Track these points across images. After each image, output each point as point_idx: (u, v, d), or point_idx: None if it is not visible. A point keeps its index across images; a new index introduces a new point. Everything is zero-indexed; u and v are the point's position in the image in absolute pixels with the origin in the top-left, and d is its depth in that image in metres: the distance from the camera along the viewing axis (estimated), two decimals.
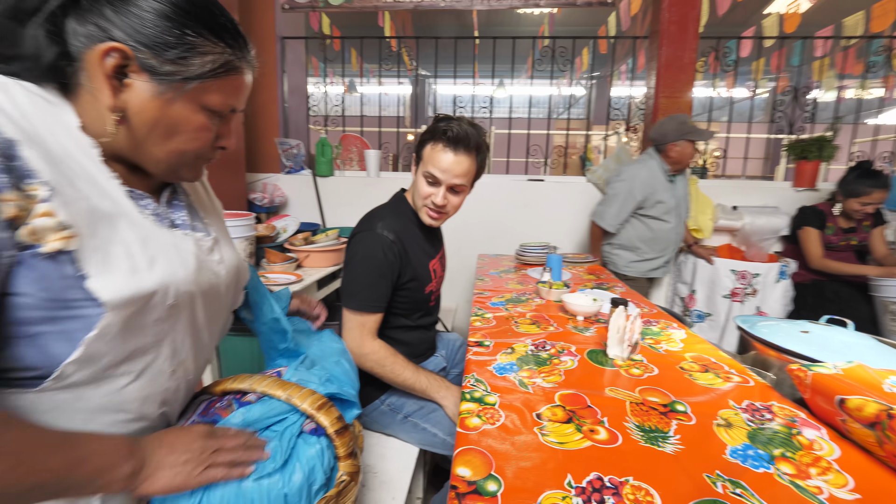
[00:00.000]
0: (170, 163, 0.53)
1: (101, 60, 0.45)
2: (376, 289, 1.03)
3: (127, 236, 0.48)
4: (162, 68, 0.47)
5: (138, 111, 0.48)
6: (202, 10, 0.49)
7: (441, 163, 1.01)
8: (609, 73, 3.29)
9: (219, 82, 0.51)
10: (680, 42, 2.36)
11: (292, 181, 2.96)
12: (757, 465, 0.58)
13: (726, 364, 0.91)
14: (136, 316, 0.48)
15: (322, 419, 0.59)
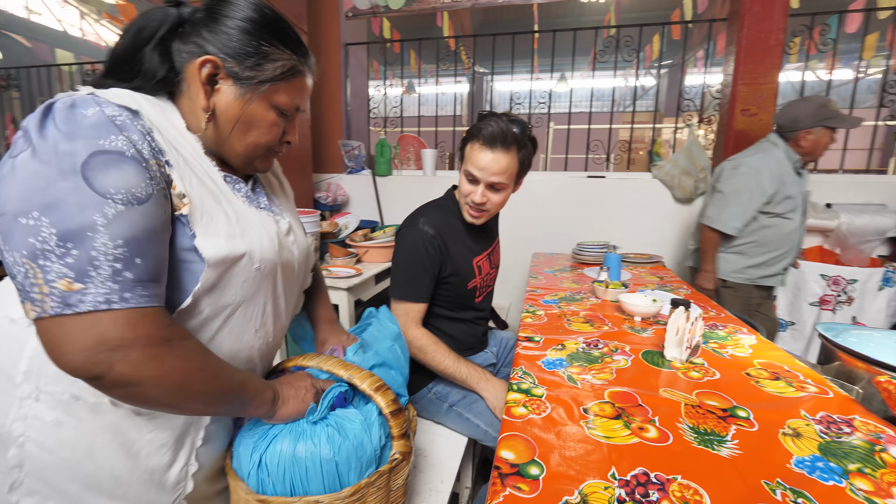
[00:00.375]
0: (247, 154, 0.62)
1: (198, 70, 0.56)
2: (417, 280, 1.09)
3: (225, 208, 0.58)
4: (243, 74, 0.57)
5: (224, 110, 0.58)
6: (273, 25, 0.58)
7: (479, 161, 1.02)
8: (684, 60, 3.08)
9: (286, 84, 0.60)
10: (765, 22, 2.15)
11: (353, 181, 3.12)
12: (826, 478, 0.53)
13: (802, 373, 0.84)
14: (229, 274, 0.57)
15: (379, 400, 0.64)
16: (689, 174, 2.46)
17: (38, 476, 0.53)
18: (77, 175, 0.44)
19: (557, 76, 5.97)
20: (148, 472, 0.56)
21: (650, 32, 2.94)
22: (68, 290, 0.43)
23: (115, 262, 0.44)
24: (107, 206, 0.44)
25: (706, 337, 1.04)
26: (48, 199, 0.43)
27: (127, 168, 0.46)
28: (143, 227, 0.47)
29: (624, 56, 2.85)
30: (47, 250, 0.42)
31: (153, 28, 0.56)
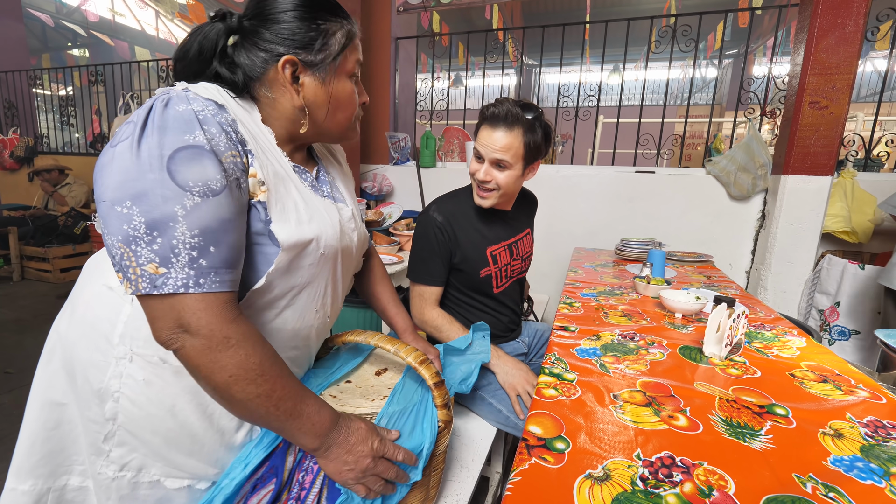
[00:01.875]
0: (341, 131, 0.68)
1: (281, 73, 0.60)
2: (428, 264, 1.15)
3: (295, 196, 0.62)
4: (316, 59, 0.61)
5: (313, 99, 0.63)
6: (318, 1, 0.61)
7: (483, 138, 1.07)
8: (747, 49, 2.88)
9: (348, 50, 0.64)
10: (843, 6, 1.97)
11: (398, 171, 3.21)
12: (865, 477, 0.52)
13: (854, 378, 0.80)
14: (298, 258, 0.61)
15: (423, 372, 0.68)
16: (746, 170, 2.32)
17: (128, 429, 0.59)
18: (163, 169, 0.48)
19: (609, 68, 5.75)
20: (220, 432, 0.62)
21: (713, 20, 2.78)
22: (155, 273, 0.48)
23: (191, 250, 0.49)
24: (186, 198, 0.49)
25: (751, 337, 1.01)
26: (138, 190, 0.48)
27: (205, 162, 0.50)
28: (217, 216, 0.51)
29: (681, 47, 2.71)
30: (138, 237, 0.48)
31: (210, 48, 0.60)
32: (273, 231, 0.58)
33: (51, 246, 3.84)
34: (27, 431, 0.64)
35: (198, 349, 0.50)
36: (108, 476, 0.60)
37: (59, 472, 0.64)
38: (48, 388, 0.64)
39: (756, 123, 2.55)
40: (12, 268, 3.87)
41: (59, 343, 0.64)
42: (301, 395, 0.57)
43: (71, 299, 0.66)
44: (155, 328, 0.51)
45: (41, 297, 3.46)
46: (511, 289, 1.28)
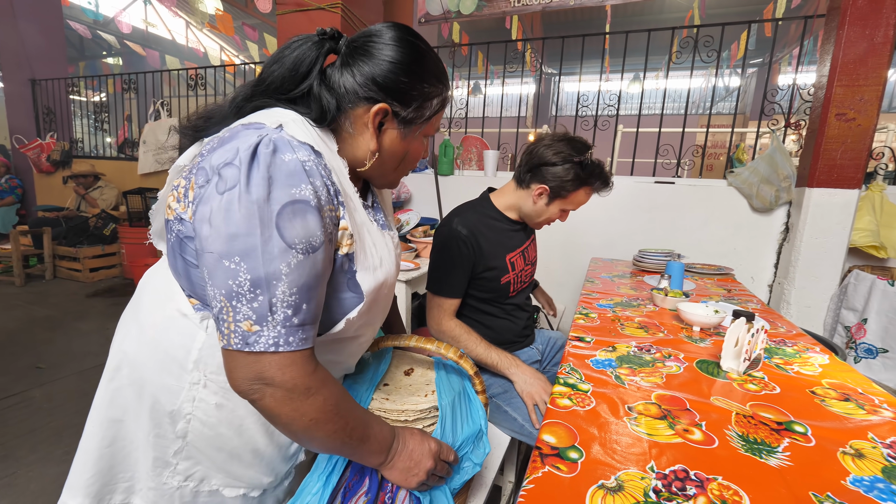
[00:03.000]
0: (394, 179, 0.70)
1: (371, 118, 0.59)
2: (450, 276, 1.16)
3: (369, 241, 0.62)
4: (408, 117, 0.61)
5: (388, 148, 0.63)
6: (429, 62, 0.61)
7: (582, 201, 1.22)
8: (772, 59, 2.84)
9: (437, 116, 0.65)
10: (872, 17, 1.93)
11: (417, 179, 3.25)
12: (885, 499, 0.52)
13: (878, 397, 0.78)
14: (372, 302, 0.63)
15: (464, 364, 0.76)
16: (769, 182, 2.28)
17: (196, 445, 0.63)
18: (272, 225, 0.48)
19: (629, 77, 5.72)
20: (278, 446, 0.67)
21: (736, 30, 2.75)
22: (249, 330, 0.49)
23: (287, 308, 0.50)
24: (291, 256, 0.49)
25: (771, 352, 1.00)
26: (248, 246, 0.48)
27: (310, 218, 0.50)
28: (314, 273, 0.51)
29: (702, 57, 2.69)
30: (241, 293, 0.48)
31: (310, 62, 0.58)
32: (360, 281, 0.60)
33: (81, 246, 4.01)
34: (84, 448, 0.66)
35: (279, 400, 0.51)
36: (172, 486, 0.64)
37: (105, 491, 0.66)
38: (109, 406, 0.65)
39: (780, 134, 2.51)
40: (45, 266, 4.05)
41: (126, 363, 0.64)
42: (367, 419, 0.60)
43: (136, 320, 0.66)
44: (233, 378, 0.52)
45: (71, 296, 3.61)
46: (523, 294, 1.31)
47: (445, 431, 0.71)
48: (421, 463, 0.63)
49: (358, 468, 0.67)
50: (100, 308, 3.33)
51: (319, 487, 0.63)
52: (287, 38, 2.86)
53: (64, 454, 1.62)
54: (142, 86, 4.78)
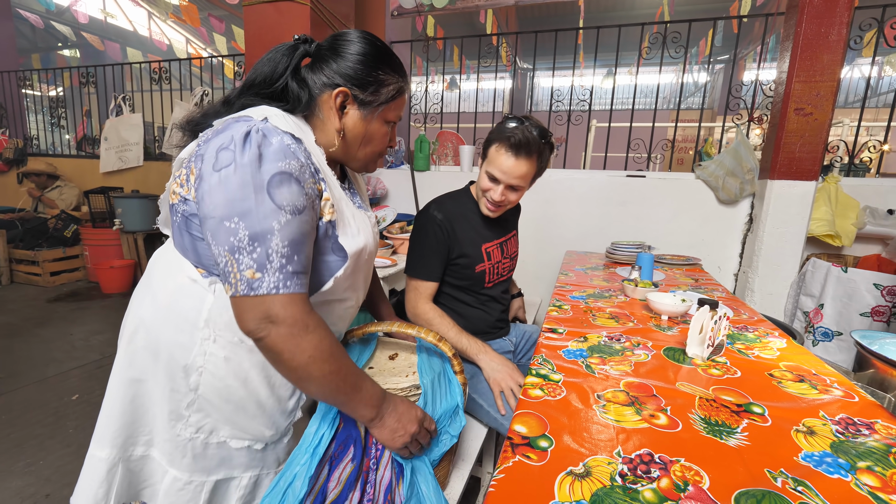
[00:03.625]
0: (365, 161, 0.80)
1: (333, 100, 0.71)
2: (425, 260, 1.19)
3: (347, 213, 0.73)
4: (365, 99, 0.72)
5: (351, 128, 0.74)
6: (384, 55, 0.73)
7: (502, 165, 1.10)
8: (736, 55, 2.94)
9: (394, 102, 0.76)
10: (826, 15, 2.02)
11: (393, 175, 3.22)
12: (832, 472, 0.55)
13: (829, 377, 0.83)
14: (354, 264, 0.73)
15: (443, 347, 0.83)
16: (734, 175, 2.37)
17: (206, 398, 0.70)
18: (264, 191, 0.58)
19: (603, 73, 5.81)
20: (278, 399, 0.75)
21: (704, 27, 2.83)
22: (252, 277, 0.58)
23: (282, 258, 0.59)
24: (280, 215, 0.59)
25: (734, 338, 1.04)
26: (244, 209, 0.58)
27: (294, 186, 0.61)
28: (301, 230, 0.62)
29: (671, 53, 2.76)
30: (241, 247, 0.58)
31: (286, 62, 0.71)
32: (341, 244, 0.70)
33: (40, 249, 3.81)
34: (108, 404, 0.74)
35: (283, 335, 0.59)
36: (185, 437, 0.71)
37: (129, 443, 0.74)
38: (128, 367, 0.73)
39: (744, 129, 2.60)
40: (0, 271, 3.83)
41: (143, 327, 0.72)
42: (359, 372, 0.68)
43: (150, 289, 0.74)
44: (243, 320, 0.60)
45: (30, 301, 3.43)
46: (500, 287, 1.32)
47: (427, 407, 0.77)
48: (407, 426, 0.70)
49: (342, 439, 0.71)
50: (62, 313, 3.18)
51: (307, 459, 0.68)
52: (254, 29, 2.76)
53: (26, 466, 1.54)
54: (101, 79, 4.55)
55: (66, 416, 1.86)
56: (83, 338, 2.71)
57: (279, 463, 0.79)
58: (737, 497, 0.50)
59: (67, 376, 2.18)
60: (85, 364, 2.31)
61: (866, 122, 4.71)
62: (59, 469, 1.52)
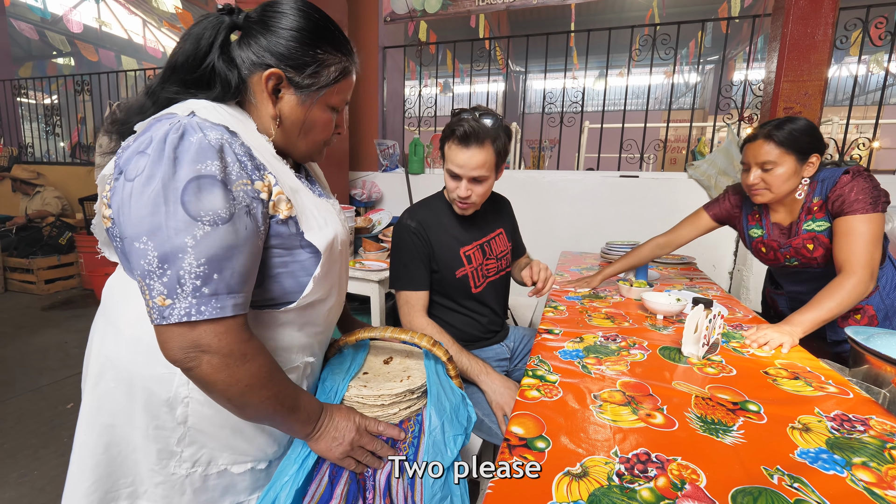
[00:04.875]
0: (309, 150, 0.70)
1: (264, 83, 0.61)
2: (408, 269, 1.17)
3: (308, 203, 0.65)
4: (303, 83, 0.62)
5: (288, 115, 0.65)
6: (324, 31, 0.63)
7: (457, 159, 1.08)
8: (726, 56, 2.97)
9: (338, 85, 0.66)
10: (812, 16, 2.05)
11: (388, 178, 3.23)
12: (828, 468, 0.55)
13: (824, 374, 0.83)
14: (329, 258, 0.66)
15: (437, 352, 0.81)
16: (726, 174, 2.39)
17: (198, 428, 0.64)
18: (177, 201, 0.50)
19: (595, 75, 5.85)
20: None
21: (693, 28, 2.86)
22: (163, 305, 0.51)
23: (195, 279, 0.51)
24: (196, 228, 0.51)
25: (729, 337, 1.04)
26: (153, 225, 0.50)
27: (215, 191, 0.52)
28: (224, 244, 0.53)
29: (660, 54, 2.79)
30: (151, 271, 0.51)
31: (210, 36, 0.61)
32: (310, 240, 0.63)
33: (35, 257, 3.78)
34: (78, 458, 0.65)
35: (216, 366, 0.54)
36: (181, 475, 0.65)
37: (108, 498, 0.65)
38: (98, 412, 0.65)
39: (735, 128, 2.62)
40: None
41: (109, 365, 0.65)
42: (297, 391, 0.64)
43: (110, 323, 0.66)
44: (166, 350, 0.54)
45: (24, 310, 3.40)
46: (491, 289, 1.29)
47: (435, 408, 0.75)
48: (345, 435, 0.67)
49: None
50: (57, 321, 3.15)
51: (294, 471, 0.65)
52: None
53: (19, 477, 1.52)
54: (96, 87, 4.54)
55: (60, 426, 1.84)
56: (78, 346, 2.69)
57: None
58: (734, 495, 0.50)
59: (62, 385, 2.16)
60: (79, 372, 2.28)
61: (856, 119, 4.76)
62: (53, 479, 1.51)
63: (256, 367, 0.57)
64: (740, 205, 1.37)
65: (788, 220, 1.25)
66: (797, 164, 1.14)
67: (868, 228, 1.07)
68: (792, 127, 1.13)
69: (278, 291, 0.65)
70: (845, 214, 1.09)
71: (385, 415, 0.78)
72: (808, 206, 1.19)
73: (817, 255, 1.19)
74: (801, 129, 1.13)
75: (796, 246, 1.22)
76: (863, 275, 1.05)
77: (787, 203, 1.23)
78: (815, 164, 1.15)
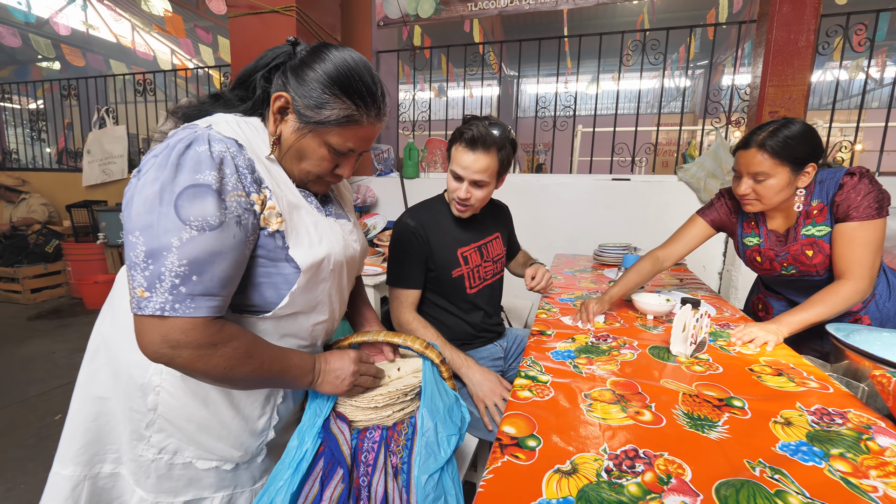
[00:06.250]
0: (300, 178, 0.73)
1: (272, 101, 0.67)
2: (404, 268, 1.20)
3: (306, 220, 0.69)
4: (303, 112, 0.66)
5: (285, 138, 0.69)
6: (346, 80, 0.66)
7: (462, 161, 1.12)
8: (714, 61, 3.03)
9: (339, 129, 0.68)
10: (795, 23, 2.11)
11: (382, 183, 3.24)
12: (807, 460, 0.57)
13: (806, 370, 0.86)
14: (315, 275, 0.70)
15: (430, 354, 0.84)
16: (715, 177, 2.43)
17: (167, 417, 0.69)
18: (171, 204, 0.55)
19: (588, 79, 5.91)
20: (245, 419, 0.73)
21: (683, 33, 2.92)
22: (141, 296, 0.55)
23: (175, 277, 0.55)
24: (183, 231, 0.55)
25: (716, 335, 1.07)
26: (147, 222, 0.55)
27: (207, 200, 0.57)
28: (208, 249, 0.57)
29: (650, 59, 2.84)
30: (137, 263, 0.55)
31: (269, 58, 0.70)
32: (293, 256, 0.66)
33: (20, 266, 3.73)
34: (71, 422, 0.74)
35: (189, 359, 0.58)
36: (147, 458, 0.70)
37: (95, 460, 0.74)
38: (90, 384, 0.73)
39: (723, 131, 2.68)
40: None
41: (104, 345, 0.73)
42: (282, 354, 0.68)
43: (111, 305, 0.75)
44: (141, 343, 0.57)
45: (10, 320, 3.35)
46: (486, 292, 1.31)
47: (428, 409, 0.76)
48: (346, 369, 0.74)
49: (329, 457, 0.70)
50: (44, 331, 3.11)
51: (289, 475, 0.66)
52: (240, 40, 2.77)
53: (6, 490, 1.50)
54: (84, 92, 4.50)
55: (48, 437, 1.81)
56: (66, 356, 2.65)
57: (255, 481, 0.78)
58: (717, 487, 0.52)
59: (50, 396, 2.13)
60: (68, 383, 2.26)
61: (839, 122, 4.87)
62: (40, 492, 1.48)
63: (231, 351, 0.60)
64: (736, 211, 1.30)
65: (786, 226, 1.19)
66: (791, 175, 1.08)
67: (872, 236, 1.03)
68: (787, 134, 1.05)
69: (259, 300, 0.68)
70: (850, 220, 1.04)
71: (378, 416, 0.79)
72: (806, 210, 1.13)
73: (816, 261, 1.12)
74: (796, 136, 1.05)
75: (794, 253, 1.15)
76: (862, 284, 1.03)
77: (783, 209, 1.17)
78: (812, 173, 1.08)
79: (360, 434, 0.76)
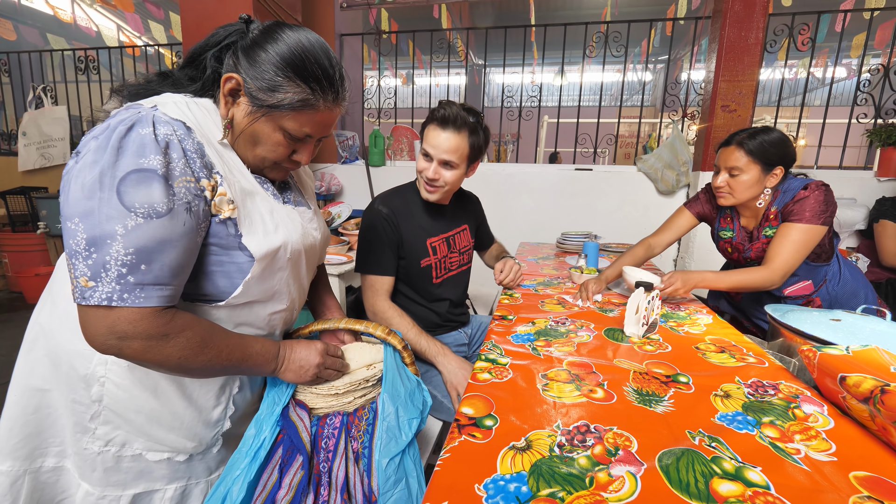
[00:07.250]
0: (255, 164, 0.70)
1: (223, 83, 0.64)
2: (375, 254, 1.19)
3: (261, 209, 0.67)
4: (256, 95, 0.63)
5: (237, 122, 0.66)
6: (299, 62, 0.63)
7: (432, 140, 1.13)
8: (673, 56, 3.13)
9: (294, 113, 0.65)
10: (745, 21, 2.21)
11: (347, 171, 3.17)
12: (741, 428, 0.61)
13: (746, 347, 0.92)
14: (270, 264, 0.68)
15: (392, 340, 0.84)
16: (671, 168, 2.53)
17: (113, 409, 0.66)
18: (112, 189, 0.52)
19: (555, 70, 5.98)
20: (198, 410, 0.71)
21: (645, 28, 3.00)
22: (85, 286, 0.53)
23: (122, 266, 0.53)
24: (129, 219, 0.53)
25: (667, 317, 1.12)
26: (87, 208, 0.52)
27: (153, 185, 0.54)
28: (156, 237, 0.54)
29: (613, 52, 2.90)
30: (78, 252, 0.52)
31: (220, 36, 0.67)
32: (244, 244, 0.64)
33: None
34: (7, 415, 0.70)
35: (139, 350, 0.56)
36: (93, 451, 0.67)
37: (36, 454, 0.70)
38: (29, 375, 0.70)
39: (679, 124, 2.79)
40: None
41: (42, 333, 0.69)
42: (242, 342, 0.66)
43: (50, 293, 0.71)
44: (87, 335, 0.55)
45: None
46: (451, 282, 1.32)
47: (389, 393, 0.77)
48: (311, 360, 0.74)
49: (288, 445, 0.70)
50: None
51: (247, 464, 0.66)
52: (192, 17, 2.60)
53: None
54: (16, 68, 4.12)
55: None
56: (5, 353, 2.46)
57: (211, 472, 0.76)
58: (660, 456, 0.55)
59: None
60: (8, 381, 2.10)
61: (784, 119, 5.18)
62: None
63: (184, 341, 0.58)
64: (716, 207, 1.43)
65: (752, 225, 1.34)
66: (761, 174, 1.22)
67: (802, 237, 1.17)
68: (764, 138, 1.20)
69: (211, 289, 0.65)
70: (790, 221, 1.19)
71: (339, 403, 0.78)
72: (766, 214, 1.28)
73: None
74: (771, 142, 1.19)
75: (756, 249, 1.32)
76: (774, 276, 1.18)
77: (751, 208, 1.30)
78: (779, 175, 1.22)
79: (321, 421, 0.76)
